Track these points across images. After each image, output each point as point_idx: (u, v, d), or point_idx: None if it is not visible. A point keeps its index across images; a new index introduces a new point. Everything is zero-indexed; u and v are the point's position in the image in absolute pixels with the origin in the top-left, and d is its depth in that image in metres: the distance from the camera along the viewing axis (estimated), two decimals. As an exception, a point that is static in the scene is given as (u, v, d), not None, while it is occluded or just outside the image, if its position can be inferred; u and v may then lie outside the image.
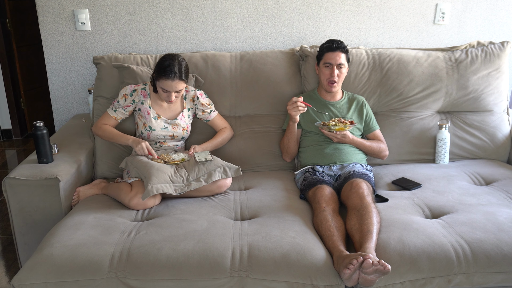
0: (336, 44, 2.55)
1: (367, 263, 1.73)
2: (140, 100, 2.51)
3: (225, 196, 2.33)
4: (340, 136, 2.48)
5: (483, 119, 2.81)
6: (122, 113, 2.54)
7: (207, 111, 2.63)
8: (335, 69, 2.54)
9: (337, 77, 2.55)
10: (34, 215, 2.23)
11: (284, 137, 2.63)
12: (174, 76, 2.36)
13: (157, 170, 2.22)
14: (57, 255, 1.81)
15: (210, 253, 1.83)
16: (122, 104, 2.52)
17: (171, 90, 2.39)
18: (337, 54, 2.54)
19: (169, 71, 2.35)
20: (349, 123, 2.48)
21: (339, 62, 2.54)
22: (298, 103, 2.41)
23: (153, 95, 2.53)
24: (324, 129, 2.47)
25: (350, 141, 2.53)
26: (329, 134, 2.48)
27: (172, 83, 2.37)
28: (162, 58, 2.42)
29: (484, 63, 2.80)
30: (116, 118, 2.55)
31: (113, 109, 2.54)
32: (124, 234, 1.95)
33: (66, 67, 3.09)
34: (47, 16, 2.98)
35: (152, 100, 2.52)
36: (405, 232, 1.95)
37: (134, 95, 2.51)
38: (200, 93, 2.61)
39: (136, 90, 2.52)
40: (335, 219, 2.05)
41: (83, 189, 2.39)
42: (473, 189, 2.36)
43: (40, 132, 2.27)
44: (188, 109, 2.59)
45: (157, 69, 2.40)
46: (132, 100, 2.51)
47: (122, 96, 2.52)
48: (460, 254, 1.86)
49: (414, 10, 3.12)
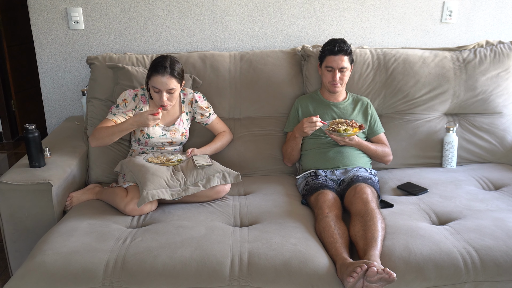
0: (338, 47, 2.54)
1: (371, 271, 1.73)
2: (140, 106, 2.51)
3: (224, 202, 2.34)
4: (348, 139, 2.48)
5: (492, 122, 2.82)
6: (122, 117, 2.49)
7: (206, 114, 2.63)
8: (337, 73, 2.55)
9: (339, 80, 2.56)
10: (25, 221, 2.23)
11: (287, 146, 2.63)
12: (164, 71, 2.34)
13: (152, 174, 2.23)
14: (50, 262, 1.81)
15: (208, 261, 1.83)
16: (123, 109, 2.49)
17: (162, 88, 2.36)
18: (339, 57, 2.54)
19: (159, 65, 2.35)
20: (357, 126, 2.48)
21: (341, 66, 2.54)
22: (317, 123, 2.41)
23: (151, 101, 2.53)
24: (333, 134, 2.45)
25: (356, 143, 2.53)
26: (337, 139, 2.48)
27: (163, 79, 2.34)
28: (155, 58, 2.44)
29: (493, 63, 2.81)
30: (116, 122, 2.49)
31: (113, 113, 2.51)
32: (119, 241, 1.96)
33: (58, 67, 3.10)
34: (39, 15, 2.99)
35: (150, 106, 2.53)
36: (411, 239, 1.96)
37: (136, 101, 2.50)
38: (199, 96, 2.62)
39: (137, 94, 2.51)
40: (338, 225, 2.06)
41: (76, 194, 2.39)
42: (482, 194, 2.37)
43: (32, 135, 2.28)
44: (186, 113, 2.60)
45: (149, 68, 2.41)
46: (134, 106, 2.50)
47: (122, 101, 2.51)
48: (468, 262, 1.86)
49: (421, 8, 3.13)
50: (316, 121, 2.42)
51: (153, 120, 2.31)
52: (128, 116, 2.49)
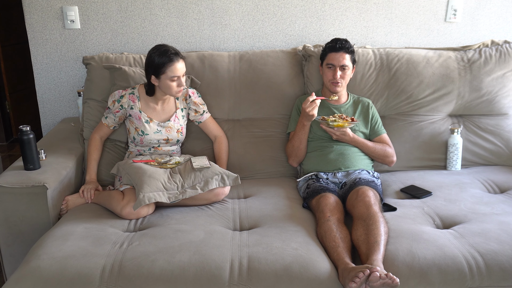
0: (339, 44, 2.56)
1: (374, 276, 1.74)
2: (129, 105, 2.52)
3: (223, 205, 2.34)
4: (339, 133, 2.49)
5: (498, 123, 2.82)
6: (112, 120, 2.55)
7: (199, 111, 2.64)
8: (337, 70, 2.56)
9: (340, 78, 2.57)
10: (20, 225, 2.23)
11: (294, 140, 2.60)
12: (177, 57, 2.38)
13: (149, 177, 2.24)
14: (45, 267, 1.82)
15: (207, 266, 1.84)
16: (112, 109, 2.53)
17: (180, 74, 2.40)
18: (340, 54, 2.55)
19: (170, 54, 2.37)
20: (349, 120, 2.50)
21: (342, 63, 2.55)
22: (315, 101, 2.45)
23: (143, 98, 2.54)
24: (323, 124, 2.49)
25: (350, 139, 2.54)
26: (328, 130, 2.50)
27: (178, 65, 2.38)
28: (151, 53, 2.41)
29: (499, 64, 2.82)
30: (108, 125, 2.56)
31: (104, 116, 2.57)
32: (116, 245, 1.96)
33: (54, 67, 3.10)
34: (34, 14, 3.00)
35: (142, 103, 2.54)
36: (414, 243, 1.96)
37: (122, 101, 2.52)
38: (192, 91, 2.63)
39: (123, 95, 2.53)
40: (340, 229, 2.06)
41: (72, 198, 2.40)
42: (487, 197, 2.38)
43: (27, 136, 2.28)
44: (181, 109, 2.61)
45: (153, 64, 2.39)
46: (120, 105, 2.52)
47: (112, 102, 2.54)
48: (473, 267, 1.87)
49: (424, 7, 3.14)
50: (314, 100, 2.44)
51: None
52: (118, 118, 2.54)
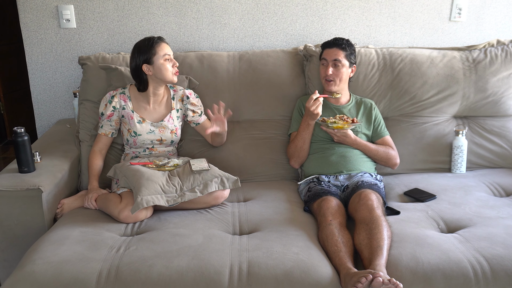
0: (334, 40, 2.61)
1: (377, 281, 1.74)
2: (121, 105, 2.53)
3: (223, 209, 2.35)
4: (340, 134, 2.50)
5: (503, 125, 2.83)
6: (108, 126, 2.54)
7: (197, 112, 2.64)
8: (330, 66, 2.57)
9: (333, 75, 2.57)
10: (14, 229, 2.24)
11: (297, 140, 2.60)
12: (162, 39, 2.47)
13: (147, 180, 2.24)
14: (40, 272, 1.82)
15: (206, 271, 1.84)
16: (106, 114, 2.53)
17: (171, 53, 2.48)
18: (333, 50, 2.58)
19: (154, 37, 2.46)
20: (350, 121, 2.50)
21: (334, 58, 2.56)
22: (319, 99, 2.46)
23: (134, 98, 2.54)
24: (323, 125, 2.50)
25: (352, 141, 2.54)
26: (329, 132, 2.52)
27: (166, 46, 2.46)
28: (135, 45, 2.48)
29: (505, 64, 2.83)
30: (105, 134, 2.55)
31: (100, 126, 2.56)
32: (113, 249, 1.96)
33: (49, 68, 3.11)
34: (28, 13, 3.01)
35: (134, 103, 2.54)
36: (418, 247, 1.96)
37: (113, 102, 2.52)
38: (190, 92, 2.64)
39: (114, 95, 2.53)
40: (342, 233, 2.07)
41: (67, 201, 2.40)
42: (493, 200, 2.38)
43: (21, 138, 2.29)
44: (177, 110, 2.61)
45: (141, 50, 2.45)
46: (112, 107, 2.52)
47: (104, 106, 2.53)
48: (478, 272, 1.87)
49: (428, 6, 3.14)
50: (318, 98, 2.46)
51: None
52: (114, 122, 2.54)
